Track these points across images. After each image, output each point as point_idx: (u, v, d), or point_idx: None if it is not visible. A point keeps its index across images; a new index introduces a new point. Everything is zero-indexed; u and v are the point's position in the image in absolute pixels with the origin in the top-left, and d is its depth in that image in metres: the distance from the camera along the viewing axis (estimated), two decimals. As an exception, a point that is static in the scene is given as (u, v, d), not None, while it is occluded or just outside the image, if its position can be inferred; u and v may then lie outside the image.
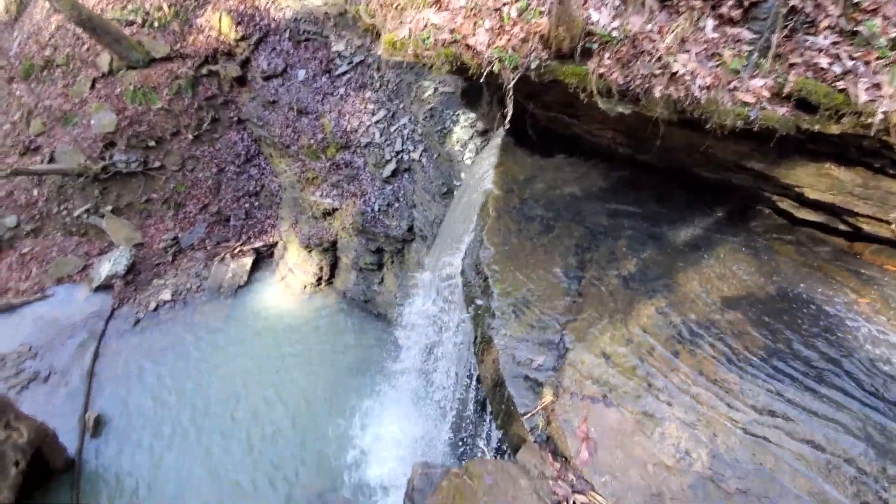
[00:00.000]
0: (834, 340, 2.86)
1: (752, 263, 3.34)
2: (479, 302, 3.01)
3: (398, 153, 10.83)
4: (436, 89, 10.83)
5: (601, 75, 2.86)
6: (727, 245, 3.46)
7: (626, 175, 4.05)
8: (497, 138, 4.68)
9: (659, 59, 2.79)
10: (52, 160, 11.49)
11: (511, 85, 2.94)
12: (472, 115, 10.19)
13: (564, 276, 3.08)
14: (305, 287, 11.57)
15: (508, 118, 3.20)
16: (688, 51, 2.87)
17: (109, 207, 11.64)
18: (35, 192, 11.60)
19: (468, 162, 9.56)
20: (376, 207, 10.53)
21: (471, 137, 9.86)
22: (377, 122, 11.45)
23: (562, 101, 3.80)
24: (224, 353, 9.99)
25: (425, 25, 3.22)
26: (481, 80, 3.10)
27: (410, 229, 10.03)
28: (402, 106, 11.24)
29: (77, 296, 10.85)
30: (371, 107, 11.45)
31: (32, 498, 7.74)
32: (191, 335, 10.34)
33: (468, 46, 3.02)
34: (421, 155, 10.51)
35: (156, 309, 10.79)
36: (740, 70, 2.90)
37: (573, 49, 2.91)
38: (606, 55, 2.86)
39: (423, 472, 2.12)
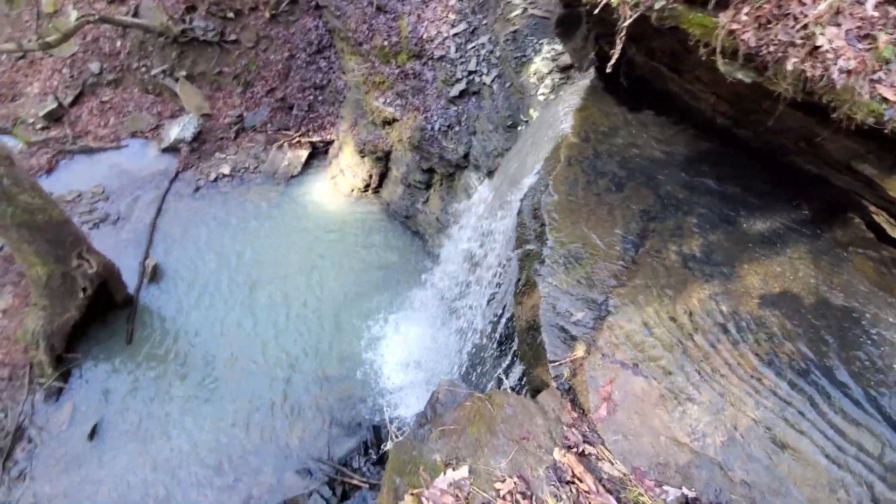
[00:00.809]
0: (883, 368, 2.73)
1: (823, 272, 3.11)
2: (530, 246, 2.98)
3: (470, 73, 10.27)
4: (525, 10, 9.95)
5: (731, 32, 2.51)
6: (803, 247, 3.22)
7: (714, 148, 3.71)
8: (584, 80, 4.32)
9: (804, 27, 2.40)
10: (136, 14, 11.52)
11: (626, 23, 2.63)
12: (558, 47, 9.42)
13: (623, 240, 2.98)
14: (353, 190, 11.75)
15: (613, 61, 2.90)
16: (839, 24, 2.45)
17: (184, 73, 11.79)
18: (118, 44, 11.80)
19: (541, 98, 9.01)
20: (437, 126, 10.24)
21: (549, 72, 9.19)
22: (455, 35, 10.74)
23: (670, 52, 3.40)
24: (271, 234, 10.54)
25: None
26: (594, 11, 2.78)
27: (466, 156, 9.80)
28: (484, 22, 10.44)
29: (148, 152, 11.43)
30: (452, 17, 10.67)
31: (95, 322, 8.82)
32: (244, 211, 10.88)
33: (590, -30, 2.68)
34: (493, 80, 9.95)
35: (215, 180, 11.28)
36: (891, 60, 2.48)
37: (708, -6, 2.53)
38: (745, 10, 2.47)
39: (449, 388, 2.26)
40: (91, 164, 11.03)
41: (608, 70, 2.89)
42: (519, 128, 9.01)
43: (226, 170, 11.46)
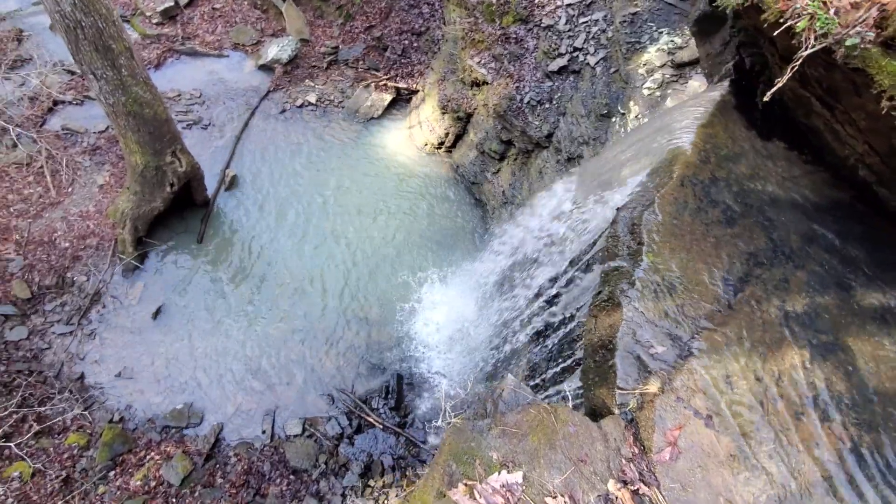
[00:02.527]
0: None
1: (936, 366, 2.77)
2: (620, 262, 2.81)
3: (575, 50, 9.63)
4: (653, -8, 9.09)
5: (929, 86, 2.12)
6: (920, 333, 2.86)
7: (844, 200, 3.30)
8: (714, 91, 3.89)
9: None
10: (259, -77, 11.44)
11: (808, 52, 2.26)
12: (677, 39, 8.66)
13: (724, 281, 2.74)
14: (426, 145, 11.62)
15: (774, 89, 2.53)
16: None
17: (292, -7, 11.75)
18: (236, -48, 11.85)
19: (645, 92, 8.38)
20: (526, 99, 9.79)
21: (662, 65, 8.49)
22: (569, 5, 10.03)
23: (831, 85, 2.97)
24: (343, 170, 10.70)
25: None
26: (772, 34, 2.42)
27: (549, 136, 9.38)
28: (604, -3, 9.64)
29: (245, 66, 11.68)
30: (572, -14, 9.90)
31: (174, 216, 9.43)
32: (321, 142, 11.06)
33: (782, -20, 2.30)
34: (598, 63, 9.30)
35: (300, 106, 11.45)
36: None
37: (915, 38, 2.12)
38: (957, 64, 2.07)
39: (514, 388, 2.23)
40: (194, 67, 11.43)
41: (766, 98, 2.55)
42: (613, 119, 8.46)
43: (312, 98, 11.58)
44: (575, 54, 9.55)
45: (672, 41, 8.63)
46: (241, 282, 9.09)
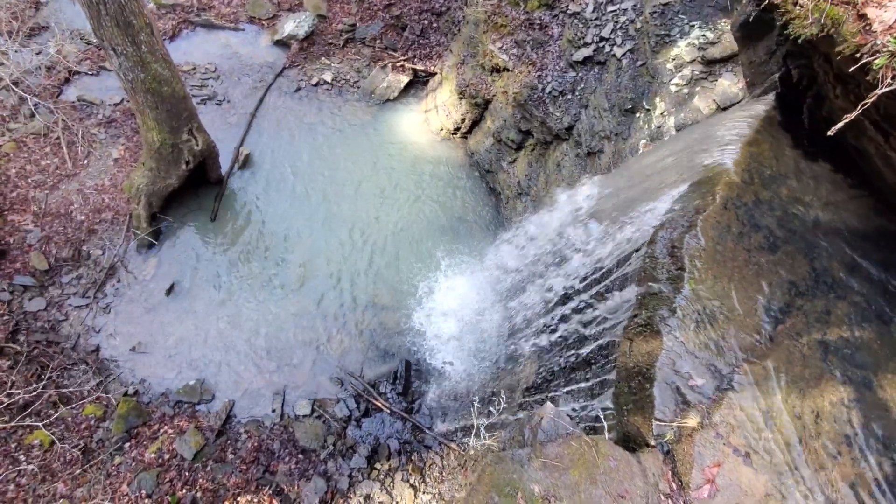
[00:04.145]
0: None
1: (972, 405, 2.72)
2: (659, 287, 2.73)
3: (601, 40, 9.31)
4: (687, -17, 8.70)
5: None
6: (959, 371, 2.80)
7: (890, 229, 3.19)
8: (759, 105, 3.73)
9: None
10: None
11: (886, 90, 2.12)
12: (709, 34, 8.37)
13: (766, 311, 2.67)
14: (442, 129, 11.40)
15: (842, 124, 2.37)
16: None
17: (310, -35, 11.32)
18: (255, -82, 11.35)
19: (672, 88, 8.14)
20: (548, 88, 9.51)
21: (692, 61, 8.21)
22: (597, -8, 9.63)
23: (891, 113, 2.82)
24: (356, 152, 10.52)
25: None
26: (847, 69, 2.26)
27: (570, 129, 9.15)
28: (636, -14, 9.24)
29: (260, 41, 11.35)
30: (602, -28, 9.49)
31: (188, 194, 9.31)
32: (335, 123, 10.84)
33: (861, 17, 2.13)
34: (624, 54, 9.00)
35: (316, 85, 11.18)
36: None
37: None
38: None
39: (553, 417, 2.20)
40: (209, 39, 11.11)
41: (830, 133, 2.41)
42: (637, 114, 8.23)
43: (328, 77, 11.30)
44: (601, 44, 9.23)
45: (703, 36, 8.32)
46: (254, 261, 9.06)
